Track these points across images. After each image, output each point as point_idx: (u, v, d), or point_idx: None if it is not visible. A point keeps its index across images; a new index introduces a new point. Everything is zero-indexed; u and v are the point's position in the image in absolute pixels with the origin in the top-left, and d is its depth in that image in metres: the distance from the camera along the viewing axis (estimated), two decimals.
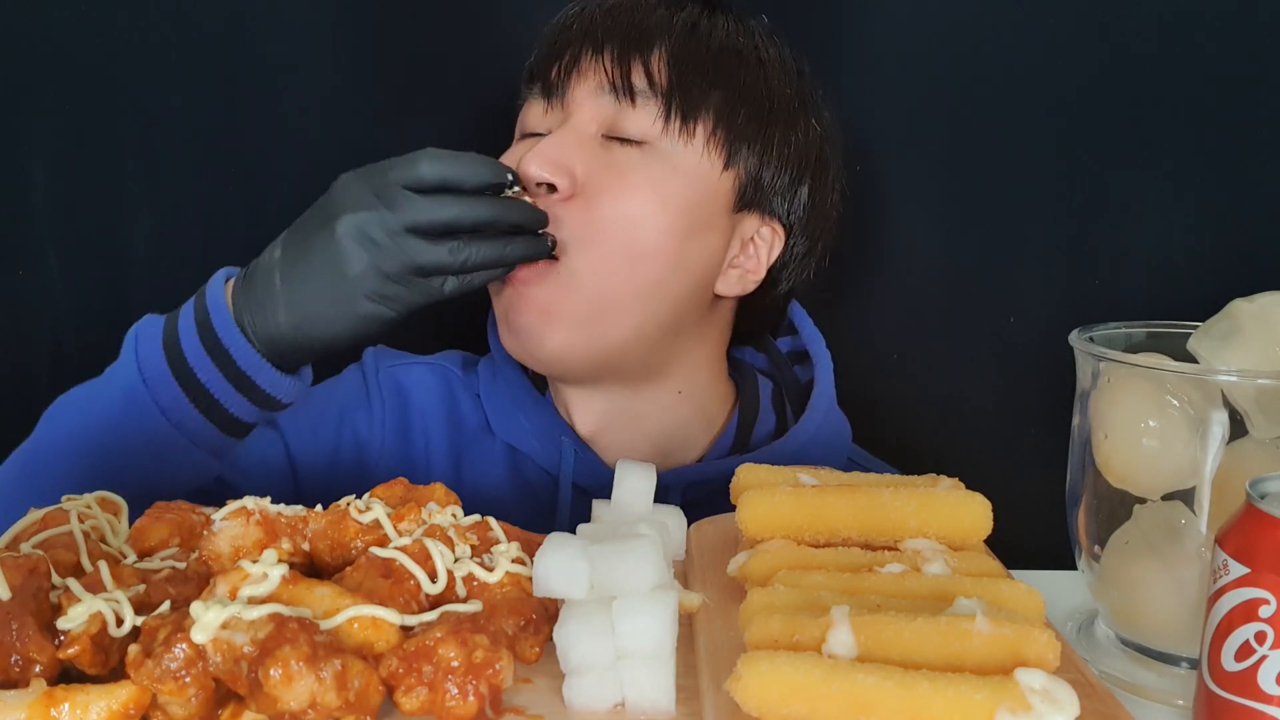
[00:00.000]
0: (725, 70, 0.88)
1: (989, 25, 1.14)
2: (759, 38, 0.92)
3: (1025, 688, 0.46)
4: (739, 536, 0.65)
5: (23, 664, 0.50)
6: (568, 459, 0.93)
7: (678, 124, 0.86)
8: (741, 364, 1.04)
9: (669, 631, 0.52)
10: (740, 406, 0.99)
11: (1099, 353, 0.64)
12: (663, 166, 0.86)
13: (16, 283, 1.19)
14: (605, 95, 0.86)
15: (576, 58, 0.87)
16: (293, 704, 0.48)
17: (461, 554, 0.59)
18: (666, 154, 0.86)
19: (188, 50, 1.16)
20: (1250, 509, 0.53)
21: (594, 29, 0.88)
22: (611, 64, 0.86)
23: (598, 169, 0.84)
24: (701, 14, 0.90)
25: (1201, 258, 1.15)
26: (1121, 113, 1.14)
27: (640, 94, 0.85)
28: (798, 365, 1.03)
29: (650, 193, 0.85)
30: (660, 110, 0.86)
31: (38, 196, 1.17)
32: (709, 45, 0.88)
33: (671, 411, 0.96)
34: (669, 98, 0.86)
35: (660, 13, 0.88)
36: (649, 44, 0.86)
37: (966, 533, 0.62)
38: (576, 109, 0.87)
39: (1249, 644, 0.51)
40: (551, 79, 0.88)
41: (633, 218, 0.84)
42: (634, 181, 0.85)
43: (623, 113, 0.86)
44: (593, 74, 0.86)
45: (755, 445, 0.97)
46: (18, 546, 0.59)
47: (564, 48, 0.88)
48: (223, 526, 0.60)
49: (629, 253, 0.85)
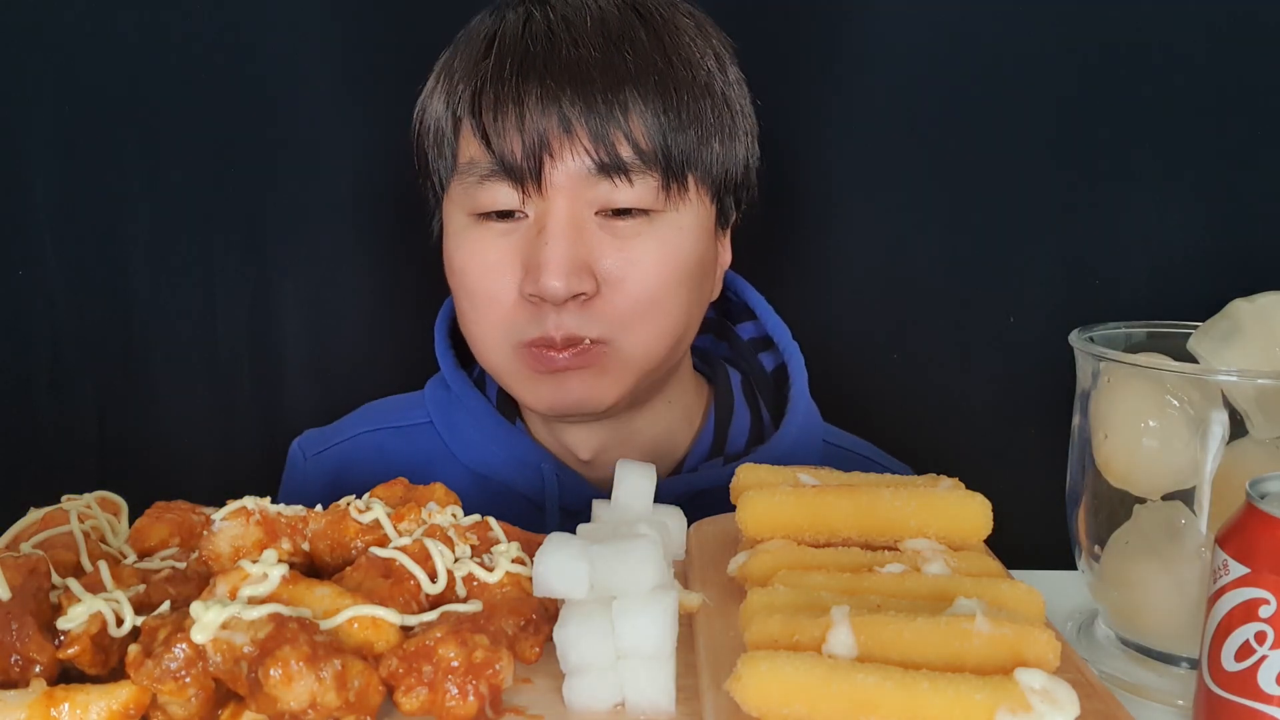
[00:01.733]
0: (695, 101, 0.82)
1: (989, 25, 1.14)
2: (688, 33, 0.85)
3: (1025, 688, 0.46)
4: (739, 536, 0.65)
5: (23, 664, 0.50)
6: (551, 484, 0.92)
7: (676, 188, 0.82)
8: (708, 354, 1.03)
9: (669, 631, 0.52)
10: (716, 403, 0.98)
11: (1099, 353, 0.64)
12: (668, 230, 0.83)
13: (16, 283, 1.19)
14: (591, 175, 0.80)
15: (542, 137, 0.78)
16: (293, 704, 0.48)
17: (461, 554, 0.59)
18: (669, 218, 0.83)
19: (188, 51, 1.16)
20: (1250, 509, 0.53)
21: (549, 87, 0.78)
22: (591, 141, 0.79)
23: (611, 257, 0.81)
24: (636, 26, 0.82)
25: (1201, 258, 1.15)
26: (1121, 113, 1.14)
27: (633, 169, 0.80)
28: (761, 353, 1.02)
29: (664, 262, 0.83)
30: (658, 181, 0.81)
31: (38, 196, 1.18)
32: (674, 77, 0.81)
33: (662, 421, 0.95)
34: (664, 165, 0.81)
35: (601, 49, 0.80)
36: (623, 105, 0.79)
37: (966, 533, 0.62)
38: (558, 194, 0.80)
39: (1249, 644, 0.51)
40: (519, 163, 0.79)
41: (656, 293, 0.83)
42: (647, 258, 0.82)
43: (617, 190, 0.80)
44: (570, 155, 0.79)
45: (734, 441, 0.96)
46: (18, 546, 0.59)
47: (517, 116, 0.79)
48: (223, 526, 0.60)
49: (661, 323, 0.84)
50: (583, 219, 0.81)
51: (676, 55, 0.82)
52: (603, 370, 0.84)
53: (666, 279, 0.83)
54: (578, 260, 0.80)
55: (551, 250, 0.79)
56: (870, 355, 1.21)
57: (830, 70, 1.16)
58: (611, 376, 0.85)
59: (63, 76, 1.16)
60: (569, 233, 0.80)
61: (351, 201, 1.20)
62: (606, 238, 0.81)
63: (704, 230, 0.86)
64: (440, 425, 0.97)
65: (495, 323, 0.85)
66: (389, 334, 1.23)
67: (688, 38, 0.84)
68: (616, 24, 0.82)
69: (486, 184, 0.82)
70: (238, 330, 1.22)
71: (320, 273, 1.22)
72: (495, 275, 0.83)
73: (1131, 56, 1.13)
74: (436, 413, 0.98)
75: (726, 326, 1.04)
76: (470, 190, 0.83)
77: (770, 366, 1.01)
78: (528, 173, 0.80)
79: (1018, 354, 1.19)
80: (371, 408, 1.03)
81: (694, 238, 0.85)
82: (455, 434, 0.96)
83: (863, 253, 1.20)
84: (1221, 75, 1.13)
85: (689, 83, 0.82)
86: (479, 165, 0.82)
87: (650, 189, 0.81)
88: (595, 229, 0.81)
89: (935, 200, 1.18)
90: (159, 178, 1.18)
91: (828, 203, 1.20)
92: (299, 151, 1.18)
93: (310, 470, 0.99)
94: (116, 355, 1.21)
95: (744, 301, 1.01)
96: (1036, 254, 1.18)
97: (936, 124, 1.17)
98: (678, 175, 0.82)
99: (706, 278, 0.89)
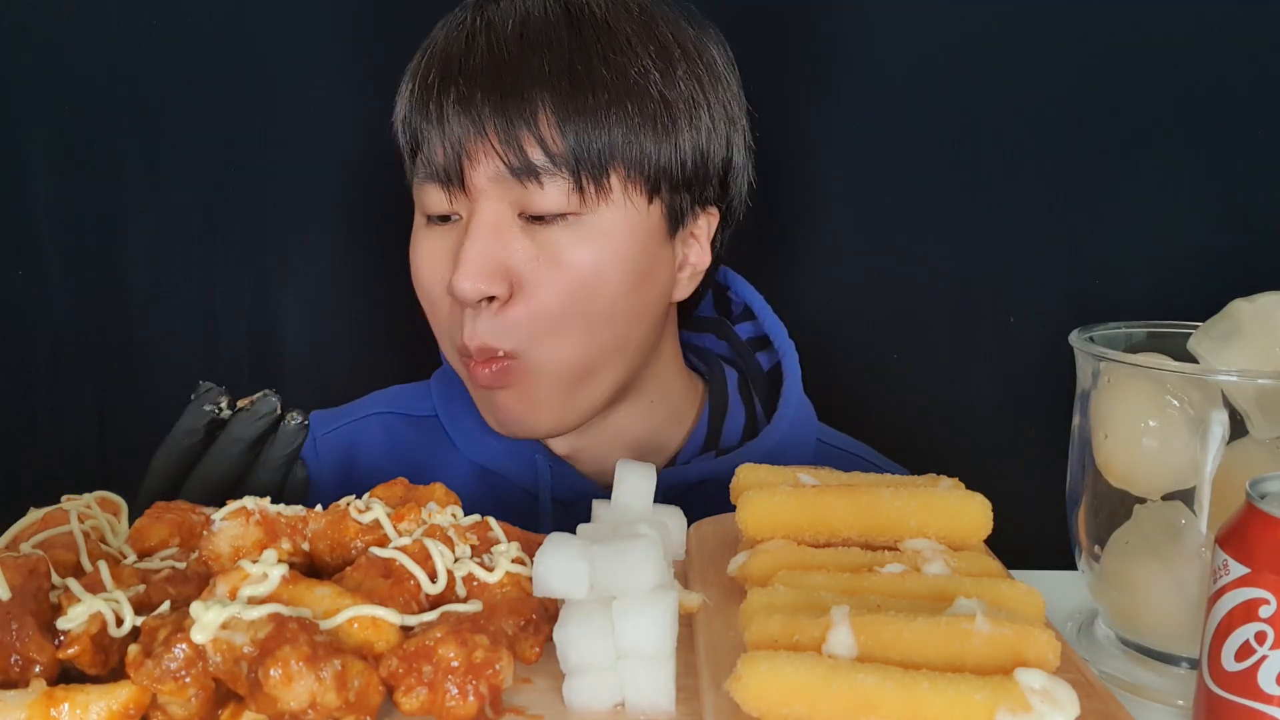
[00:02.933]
0: (617, 102, 0.79)
1: (989, 24, 1.14)
2: (625, 33, 0.82)
3: (1025, 688, 0.46)
4: (739, 536, 0.65)
5: (23, 664, 0.50)
6: (544, 475, 0.93)
7: (592, 189, 0.80)
8: (707, 354, 1.03)
9: (669, 631, 0.52)
10: (710, 400, 0.98)
11: (1099, 353, 0.64)
12: (590, 233, 0.81)
13: (16, 283, 1.19)
14: (507, 179, 0.79)
15: (459, 141, 0.79)
16: (293, 704, 0.48)
17: (461, 554, 0.59)
18: (590, 221, 0.81)
19: (188, 51, 1.16)
20: (1250, 509, 0.53)
21: (462, 91, 0.78)
22: (501, 144, 0.78)
23: (527, 262, 0.80)
24: (560, 27, 0.81)
25: (1201, 258, 1.15)
26: (1122, 112, 1.14)
27: (544, 171, 0.78)
28: (759, 352, 1.02)
29: (588, 267, 0.80)
30: (570, 183, 0.79)
31: (38, 196, 1.18)
32: (591, 78, 0.79)
33: (645, 420, 0.95)
34: (574, 167, 0.79)
35: (517, 52, 0.79)
36: (530, 105, 0.78)
37: (966, 533, 0.62)
38: (481, 197, 0.80)
39: (1249, 644, 0.51)
40: (441, 164, 0.80)
41: (572, 300, 0.81)
42: (568, 262, 0.80)
43: (531, 194, 0.79)
44: (485, 157, 0.79)
45: (728, 439, 0.96)
46: (18, 546, 0.59)
47: (437, 119, 0.80)
48: (223, 526, 0.60)
49: (586, 331, 0.82)
50: (505, 222, 0.80)
51: (600, 55, 0.80)
52: (525, 389, 0.83)
53: (587, 283, 0.81)
54: (493, 262, 0.79)
55: (466, 250, 0.79)
56: (870, 355, 1.21)
57: (832, 67, 1.16)
58: (537, 395, 0.84)
59: (63, 76, 1.16)
60: (486, 234, 0.80)
61: (352, 201, 1.20)
62: (526, 242, 0.80)
63: (640, 232, 0.83)
64: (444, 416, 0.98)
65: (439, 324, 0.87)
66: (389, 334, 1.23)
67: (623, 38, 0.82)
68: (538, 26, 0.81)
69: (425, 187, 0.83)
70: (237, 330, 1.22)
71: (320, 272, 1.22)
72: (433, 279, 0.84)
73: (1132, 56, 1.13)
74: (440, 403, 0.99)
75: (726, 326, 1.04)
76: (417, 193, 0.85)
77: (767, 365, 1.01)
78: (450, 176, 0.80)
79: (1018, 354, 1.19)
80: (381, 393, 1.04)
81: (623, 240, 0.82)
82: (456, 425, 0.97)
83: (862, 252, 1.20)
84: (1222, 75, 1.13)
85: (609, 83, 0.80)
86: (418, 169, 0.83)
87: (563, 191, 0.79)
88: (518, 233, 0.80)
89: (935, 200, 1.18)
90: (159, 178, 1.18)
91: (827, 202, 1.20)
92: (299, 151, 1.18)
93: (320, 448, 0.99)
94: (116, 355, 1.21)
95: (743, 301, 1.02)
96: (1036, 254, 1.18)
97: (938, 123, 1.17)
98: (593, 176, 0.80)
99: (650, 281, 0.85)
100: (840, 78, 1.15)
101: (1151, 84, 1.13)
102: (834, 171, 1.19)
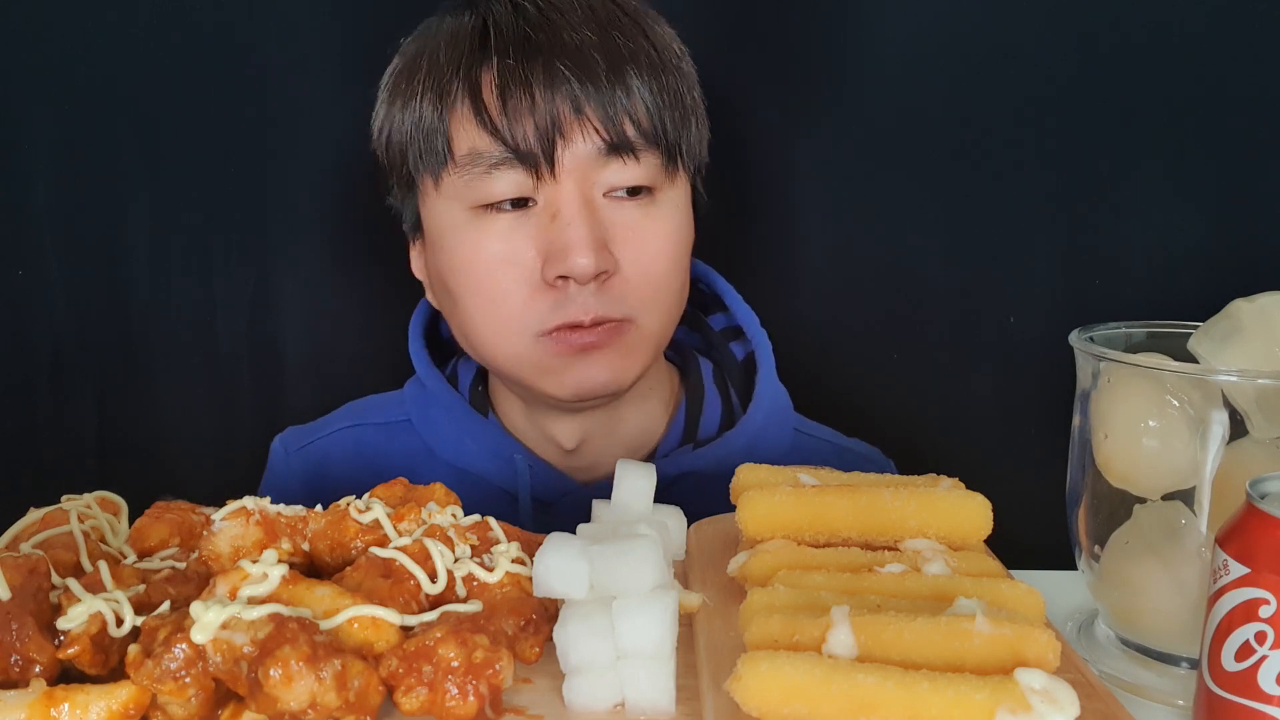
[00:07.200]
0: (672, 84, 0.85)
1: (989, 24, 1.14)
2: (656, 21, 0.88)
3: (1025, 688, 0.46)
4: (739, 536, 0.65)
5: (23, 664, 0.50)
6: (523, 475, 0.93)
7: (672, 164, 0.85)
8: (680, 344, 1.03)
9: (669, 631, 0.52)
10: (686, 390, 0.99)
11: (1099, 353, 0.64)
12: (669, 208, 0.86)
13: (16, 283, 1.19)
14: (599, 157, 0.82)
15: (555, 120, 0.80)
16: (293, 704, 0.48)
17: (461, 554, 0.59)
18: (667, 194, 0.86)
19: (187, 50, 1.16)
20: (1250, 509, 0.53)
21: (558, 70, 0.80)
22: (603, 124, 0.81)
23: (624, 235, 0.83)
24: (617, 12, 0.85)
25: (1201, 258, 1.15)
26: (1121, 112, 1.14)
27: (639, 147, 0.82)
28: (732, 342, 1.03)
29: (669, 237, 0.86)
30: (660, 159, 0.84)
31: (38, 196, 1.18)
32: (655, 60, 0.84)
33: (643, 409, 0.96)
34: (666, 144, 0.84)
35: (597, 33, 0.82)
36: (625, 85, 0.82)
37: (966, 533, 0.62)
38: (571, 178, 0.82)
39: (1249, 644, 0.51)
40: (532, 148, 0.80)
41: (667, 270, 0.86)
42: (657, 235, 0.85)
43: (619, 170, 0.82)
44: (582, 137, 0.81)
45: (705, 430, 0.97)
46: (18, 546, 0.59)
47: (528, 100, 0.80)
48: (223, 526, 0.60)
49: (672, 300, 0.88)
50: (594, 200, 0.83)
51: (655, 40, 0.85)
52: (628, 349, 0.86)
53: (673, 255, 0.86)
54: (601, 238, 0.81)
55: (575, 230, 0.80)
56: (870, 355, 1.21)
57: (831, 64, 1.16)
58: (635, 355, 0.87)
59: (63, 76, 1.16)
60: (588, 211, 0.81)
61: (351, 201, 1.20)
62: (617, 218, 0.83)
63: (688, 205, 0.89)
64: (418, 422, 0.98)
65: (509, 316, 0.84)
66: (388, 334, 1.22)
67: (657, 26, 0.87)
68: (602, 10, 0.84)
69: (495, 173, 0.82)
70: (237, 330, 1.22)
71: (320, 272, 1.22)
72: (506, 267, 0.83)
73: (1132, 56, 1.13)
74: (415, 410, 0.99)
75: (699, 317, 1.05)
76: (474, 182, 0.83)
77: (741, 356, 1.02)
78: (541, 156, 0.80)
79: (1018, 354, 1.19)
80: (352, 405, 1.04)
81: (687, 216, 0.89)
82: (432, 430, 0.97)
83: (862, 253, 1.20)
84: (1222, 75, 1.13)
85: (668, 66, 0.85)
86: (486, 155, 0.81)
87: (653, 167, 0.83)
88: (606, 210, 0.83)
89: (935, 199, 1.18)
90: (158, 178, 1.18)
91: (827, 202, 1.20)
92: (299, 152, 1.18)
93: (292, 465, 1.00)
94: (116, 355, 1.21)
95: (715, 292, 1.02)
96: (1036, 254, 1.18)
97: (937, 123, 1.16)
98: (673, 153, 0.85)
99: (690, 248, 0.91)
100: (840, 77, 1.15)
101: (1152, 84, 1.13)
102: (834, 171, 1.19)
